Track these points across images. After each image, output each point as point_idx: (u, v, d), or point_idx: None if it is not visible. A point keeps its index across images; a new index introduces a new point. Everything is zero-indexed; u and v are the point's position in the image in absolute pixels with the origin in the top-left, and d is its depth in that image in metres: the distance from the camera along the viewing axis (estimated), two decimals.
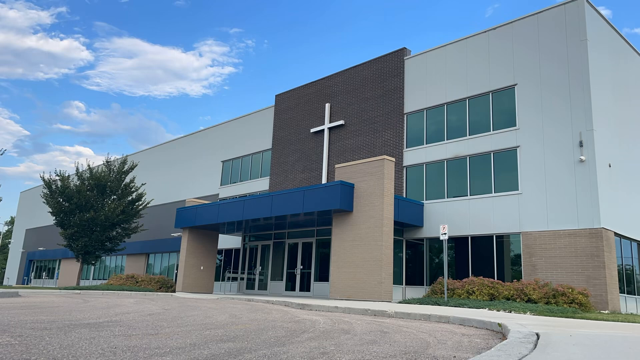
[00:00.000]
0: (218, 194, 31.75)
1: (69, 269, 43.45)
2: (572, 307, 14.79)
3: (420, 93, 22.68)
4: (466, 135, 20.73)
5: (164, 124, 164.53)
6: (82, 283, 39.22)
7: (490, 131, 20.03)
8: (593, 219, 16.63)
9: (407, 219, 20.46)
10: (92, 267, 41.96)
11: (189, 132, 37.23)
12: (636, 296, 18.67)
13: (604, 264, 16.15)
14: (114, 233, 29.47)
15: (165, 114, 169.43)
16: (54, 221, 29.62)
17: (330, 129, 26.06)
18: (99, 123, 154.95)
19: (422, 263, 21.25)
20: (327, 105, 26.40)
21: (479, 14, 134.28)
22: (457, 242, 20.24)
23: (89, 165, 30.67)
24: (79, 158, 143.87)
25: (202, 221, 25.26)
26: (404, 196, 21.96)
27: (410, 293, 21.01)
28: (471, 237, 19.76)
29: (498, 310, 12.85)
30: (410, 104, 22.95)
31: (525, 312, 12.49)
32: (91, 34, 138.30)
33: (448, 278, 17.69)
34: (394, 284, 20.18)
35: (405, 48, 23.88)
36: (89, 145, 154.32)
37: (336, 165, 20.73)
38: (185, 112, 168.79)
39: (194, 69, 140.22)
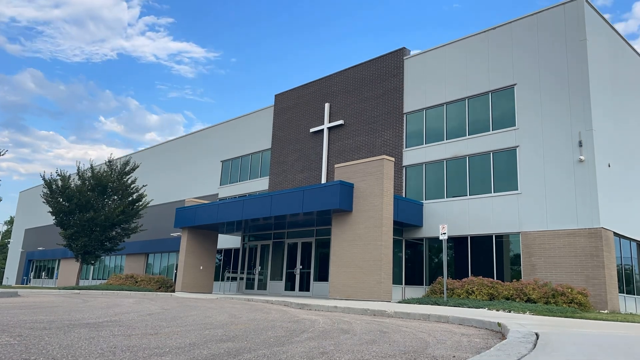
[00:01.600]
0: (217, 194, 31.74)
1: (69, 268, 43.42)
2: (572, 307, 14.80)
3: (419, 93, 22.68)
4: (465, 135, 20.73)
5: (142, 101, 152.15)
6: (82, 283, 39.17)
7: (489, 131, 20.03)
8: (592, 219, 16.64)
9: (406, 218, 20.47)
10: (92, 267, 41.94)
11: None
12: (635, 296, 18.69)
13: (603, 264, 16.16)
14: (114, 233, 29.47)
15: (138, 91, 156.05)
16: (53, 221, 29.61)
17: (329, 128, 26.06)
18: (69, 100, 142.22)
19: (422, 263, 21.25)
20: (327, 105, 26.40)
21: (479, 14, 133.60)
22: (457, 242, 20.24)
23: (91, 165, 30.65)
24: (59, 147, 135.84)
25: (201, 221, 25.26)
26: (404, 196, 21.96)
27: (410, 293, 21.01)
28: (470, 237, 19.76)
29: (497, 310, 12.87)
30: (410, 103, 22.95)
31: (524, 312, 12.50)
32: None
33: (447, 278, 17.69)
34: (393, 283, 20.18)
35: (404, 48, 23.89)
36: (74, 133, 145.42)
37: (335, 165, 20.73)
38: (155, 86, 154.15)
39: (128, 21, 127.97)
